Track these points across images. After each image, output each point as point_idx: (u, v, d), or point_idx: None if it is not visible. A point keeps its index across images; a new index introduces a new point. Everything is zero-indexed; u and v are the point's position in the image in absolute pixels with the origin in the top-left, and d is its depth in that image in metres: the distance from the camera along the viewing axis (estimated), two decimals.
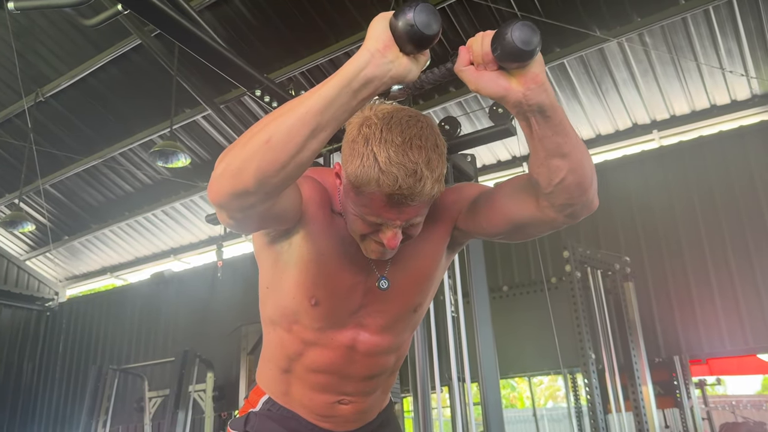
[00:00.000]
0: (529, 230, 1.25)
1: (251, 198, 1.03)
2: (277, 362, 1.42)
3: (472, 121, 7.17)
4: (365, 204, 1.14)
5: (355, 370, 1.37)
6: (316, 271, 1.27)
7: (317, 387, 1.39)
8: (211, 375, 7.76)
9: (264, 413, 1.45)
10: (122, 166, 9.01)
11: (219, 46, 2.28)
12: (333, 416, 1.43)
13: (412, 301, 1.37)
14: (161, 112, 7.96)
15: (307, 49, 6.88)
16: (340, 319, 1.32)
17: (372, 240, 1.20)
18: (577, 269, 4.46)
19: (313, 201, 1.26)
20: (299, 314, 1.32)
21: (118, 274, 11.35)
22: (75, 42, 7.34)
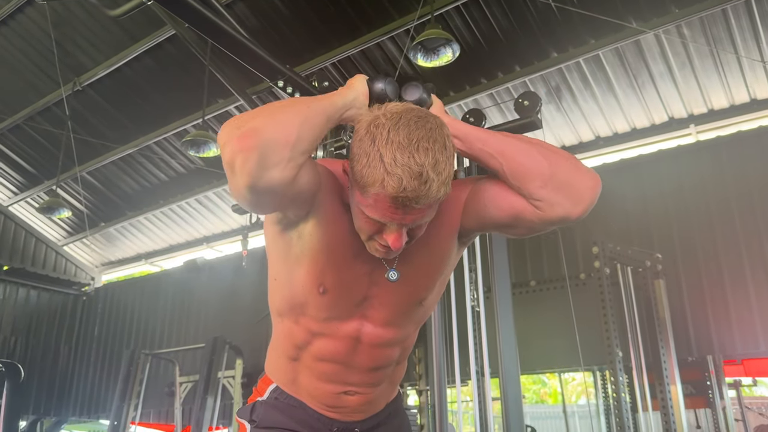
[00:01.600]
0: (523, 223, 1.27)
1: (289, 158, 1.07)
2: (285, 351, 1.43)
3: (503, 113, 7.10)
4: (370, 204, 1.14)
5: (360, 360, 1.38)
6: (325, 260, 1.28)
7: (323, 376, 1.40)
8: (240, 362, 7.87)
9: (270, 402, 1.46)
10: (157, 155, 9.17)
11: (242, 37, 2.29)
12: (339, 406, 1.43)
13: (419, 294, 1.37)
14: (195, 102, 8.06)
15: (338, 40, 6.89)
16: (345, 309, 1.33)
17: (376, 240, 1.20)
18: (607, 266, 4.38)
19: (326, 189, 1.27)
20: (307, 304, 1.33)
21: (153, 261, 11.59)
22: (111, 32, 7.48)
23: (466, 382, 4.17)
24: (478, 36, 6.46)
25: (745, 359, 6.73)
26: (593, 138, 7.41)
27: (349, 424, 1.45)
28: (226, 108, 8.02)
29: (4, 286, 10.85)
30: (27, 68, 8.30)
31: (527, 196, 1.22)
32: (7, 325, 10.77)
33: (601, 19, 5.59)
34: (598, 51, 6.30)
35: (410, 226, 1.17)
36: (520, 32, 6.33)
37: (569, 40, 6.34)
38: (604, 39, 6.17)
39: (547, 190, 1.20)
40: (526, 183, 1.21)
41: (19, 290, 11.05)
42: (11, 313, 10.86)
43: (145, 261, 11.58)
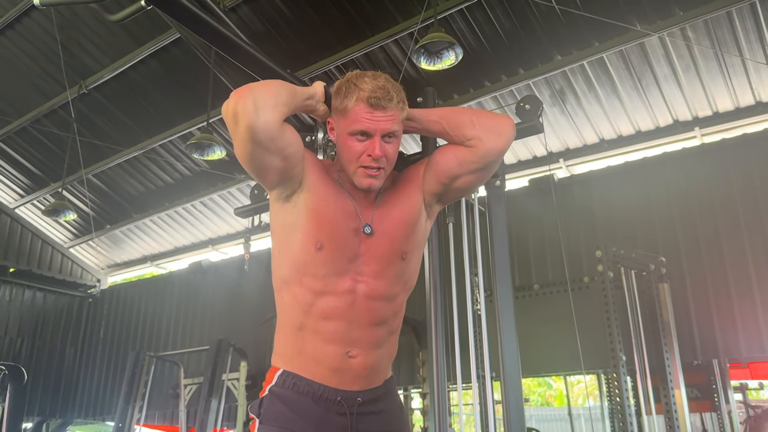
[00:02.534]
0: (466, 165, 1.66)
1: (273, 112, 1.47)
2: (291, 322, 1.60)
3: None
4: (353, 119, 1.54)
5: (359, 315, 1.57)
6: (319, 218, 1.56)
7: (328, 337, 1.55)
8: (245, 364, 7.89)
9: (276, 392, 1.58)
10: (162, 158, 9.21)
11: (243, 42, 2.30)
12: (343, 369, 1.56)
13: (399, 247, 1.63)
14: (200, 104, 8.08)
15: (342, 43, 6.90)
16: (341, 266, 1.57)
17: (362, 167, 1.55)
18: (610, 269, 4.37)
19: (311, 162, 1.62)
20: (307, 264, 1.56)
21: (158, 263, 11.63)
22: (117, 35, 7.52)
23: (468, 386, 4.17)
24: (482, 39, 6.46)
25: (750, 362, 6.70)
26: (597, 141, 7.40)
27: (351, 393, 1.57)
28: None
29: (10, 288, 10.91)
30: (33, 71, 8.35)
31: (463, 140, 1.63)
32: (14, 327, 10.82)
33: (605, 21, 5.58)
34: (602, 54, 6.29)
35: (384, 132, 1.53)
36: (523, 35, 6.33)
37: (573, 43, 6.33)
38: (609, 42, 6.16)
39: (476, 130, 1.60)
40: (461, 129, 1.63)
41: (26, 292, 11.11)
42: (17, 314, 10.91)
43: (150, 263, 11.61)
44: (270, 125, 1.44)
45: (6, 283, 10.83)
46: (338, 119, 1.59)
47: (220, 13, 2.26)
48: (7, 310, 10.79)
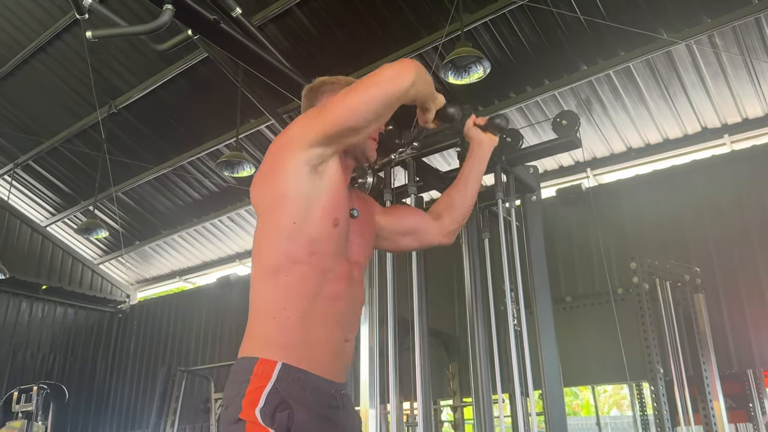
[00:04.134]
0: (417, 238, 1.95)
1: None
2: (297, 306, 1.49)
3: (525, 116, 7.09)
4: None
5: (355, 296, 1.63)
6: (339, 194, 1.58)
7: (335, 319, 1.54)
8: None
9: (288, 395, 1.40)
10: (190, 174, 9.35)
11: (278, 62, 2.36)
12: (341, 355, 1.57)
13: (372, 235, 1.80)
14: (227, 122, 8.21)
15: (367, 57, 6.96)
16: (342, 245, 1.60)
17: (372, 138, 1.78)
18: (645, 280, 4.34)
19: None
20: (320, 240, 1.53)
21: (187, 278, 11.76)
22: (146, 56, 7.68)
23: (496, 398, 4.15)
24: (507, 51, 6.49)
25: None
26: (625, 149, 7.36)
27: (339, 385, 1.56)
28: (258, 127, 8.16)
29: (42, 305, 11.11)
30: (64, 92, 8.55)
31: (445, 219, 1.97)
32: (46, 343, 11.01)
33: (631, 30, 5.57)
34: (629, 63, 6.27)
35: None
36: (548, 46, 6.34)
37: (599, 53, 6.33)
38: (635, 51, 6.15)
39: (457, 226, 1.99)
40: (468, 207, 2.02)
41: (57, 309, 11.30)
42: (49, 331, 11.10)
43: (179, 278, 11.75)
44: (403, 92, 1.57)
45: (38, 300, 11.04)
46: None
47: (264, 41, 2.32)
48: (39, 327, 10.99)
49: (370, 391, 2.43)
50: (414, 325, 2.62)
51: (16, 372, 10.39)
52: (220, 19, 2.13)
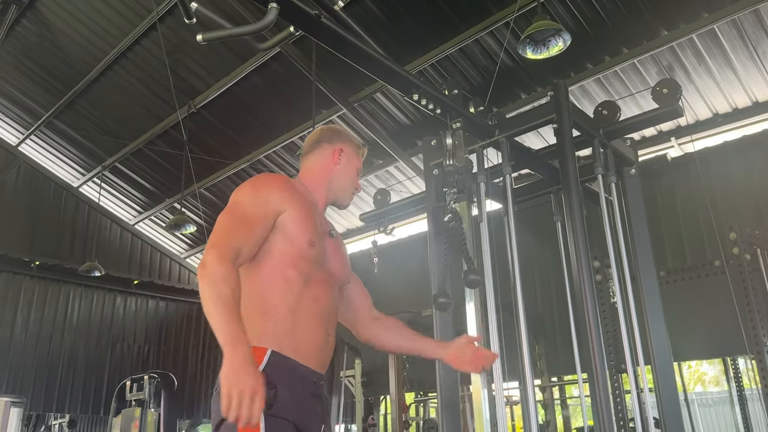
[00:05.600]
0: (349, 311, 2.15)
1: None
2: (285, 303, 1.73)
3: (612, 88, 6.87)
4: (359, 162, 2.10)
5: (334, 299, 1.88)
6: (305, 224, 1.81)
7: (318, 317, 1.77)
8: (359, 361, 8.10)
9: (273, 377, 1.55)
10: (267, 168, 9.60)
11: (380, 56, 2.40)
12: (323, 348, 1.78)
13: (345, 260, 2.01)
14: (300, 114, 8.38)
15: (436, 41, 6.93)
16: (321, 258, 1.83)
17: (354, 186, 2.08)
18: (746, 251, 4.16)
19: (288, 194, 1.83)
20: (301, 254, 1.78)
21: None
22: (221, 55, 7.91)
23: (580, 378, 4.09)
24: (582, 21, 6.31)
25: None
26: (711, 115, 7.04)
27: (319, 375, 1.76)
28: (331, 117, 8.27)
29: (135, 299, 11.73)
30: (145, 95, 8.93)
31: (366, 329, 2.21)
32: (140, 335, 11.64)
33: None
34: (713, 24, 5.97)
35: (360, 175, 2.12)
36: (626, 13, 6.12)
37: (680, 16, 6.06)
38: (719, 12, 5.85)
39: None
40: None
41: (149, 302, 11.92)
42: (143, 323, 11.73)
43: None
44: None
45: (131, 295, 11.66)
46: (350, 156, 2.07)
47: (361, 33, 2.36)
48: (133, 319, 11.62)
49: (482, 374, 2.45)
50: (518, 308, 2.63)
51: (115, 362, 11.04)
52: (320, 13, 2.18)
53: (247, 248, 1.68)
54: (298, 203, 1.83)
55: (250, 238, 1.70)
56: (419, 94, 2.61)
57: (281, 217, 1.77)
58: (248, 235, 1.70)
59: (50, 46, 8.75)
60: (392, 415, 6.98)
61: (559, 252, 3.37)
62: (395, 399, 6.59)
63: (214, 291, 1.52)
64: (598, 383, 2.32)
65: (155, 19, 7.44)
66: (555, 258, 3.35)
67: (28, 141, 10.67)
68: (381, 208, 3.82)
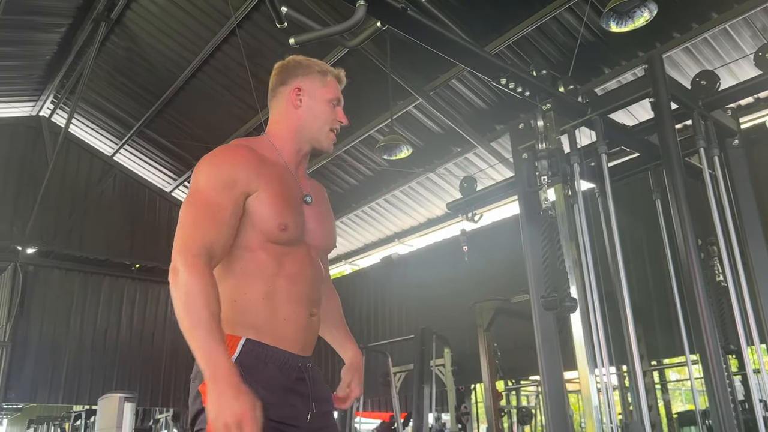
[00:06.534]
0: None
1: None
2: (257, 289, 1.57)
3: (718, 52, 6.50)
4: (331, 90, 1.80)
5: (315, 274, 1.68)
6: (280, 203, 1.61)
7: (297, 298, 1.61)
8: (448, 350, 8.12)
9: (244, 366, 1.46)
10: (346, 162, 9.75)
11: (467, 43, 2.39)
12: (307, 330, 1.63)
13: (328, 226, 1.81)
14: (376, 107, 8.45)
15: (511, 22, 6.79)
16: (298, 234, 1.64)
17: (332, 129, 1.80)
18: None
19: (255, 170, 1.60)
20: (271, 238, 1.59)
21: (351, 260, 12.34)
22: (298, 54, 8.06)
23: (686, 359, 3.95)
24: None
25: None
26: None
27: (305, 359, 1.62)
28: (406, 108, 8.29)
29: None
30: (228, 100, 9.25)
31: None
32: None
33: None
34: None
35: (342, 105, 1.83)
36: None
37: None
38: None
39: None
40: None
41: None
42: None
43: (344, 261, 12.36)
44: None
45: None
46: (313, 89, 1.77)
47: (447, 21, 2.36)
48: None
49: (588, 358, 2.41)
50: (622, 290, 2.56)
51: None
52: (407, 6, 2.20)
53: (220, 242, 1.50)
54: (267, 177, 1.61)
55: (222, 230, 1.51)
56: (507, 77, 2.58)
57: (249, 199, 1.57)
58: (219, 227, 1.50)
59: (138, 58, 9.23)
60: (485, 403, 6.95)
61: (659, 230, 3.25)
62: (488, 387, 6.56)
63: (192, 310, 1.38)
64: (713, 364, 2.23)
65: (233, 25, 7.69)
66: (651, 237, 3.25)
67: (122, 150, 11.32)
68: (468, 196, 3.80)
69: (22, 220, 10.35)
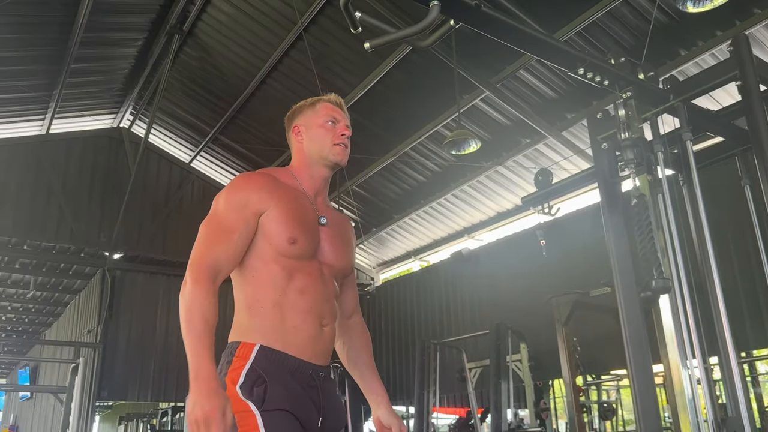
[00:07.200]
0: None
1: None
2: (269, 297, 1.71)
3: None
4: (322, 114, 1.94)
5: (326, 289, 1.79)
6: (290, 220, 1.76)
7: (306, 309, 1.72)
8: (524, 346, 8.03)
9: (264, 371, 1.61)
10: (413, 159, 9.78)
11: (543, 36, 2.37)
12: (317, 338, 1.73)
13: (343, 248, 1.90)
14: (441, 103, 8.44)
15: (580, 7, 6.63)
16: (310, 250, 1.78)
17: (336, 144, 1.90)
18: None
19: (268, 191, 1.77)
20: (283, 251, 1.74)
21: (421, 257, 12.37)
22: (363, 55, 8.16)
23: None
24: None
25: None
26: None
27: (317, 367, 1.72)
28: (472, 102, 8.23)
29: None
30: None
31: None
32: None
33: None
34: None
35: (346, 123, 1.96)
36: None
37: None
38: None
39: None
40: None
41: None
42: None
43: (414, 258, 12.40)
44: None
45: None
46: (308, 121, 1.95)
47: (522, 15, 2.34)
48: None
49: (679, 349, 2.35)
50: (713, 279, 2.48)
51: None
52: (480, 2, 2.20)
53: (228, 260, 1.68)
54: (278, 199, 1.77)
55: (230, 248, 1.68)
56: (585, 67, 2.54)
57: (262, 217, 1.74)
58: (227, 246, 1.68)
59: (210, 67, 9.57)
60: (566, 399, 6.83)
61: (746, 217, 3.13)
62: (569, 383, 6.44)
63: (189, 318, 1.55)
64: None
65: (300, 30, 7.85)
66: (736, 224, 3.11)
67: (199, 157, 11.78)
68: (543, 189, 3.75)
69: (109, 227, 10.92)
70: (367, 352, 2.05)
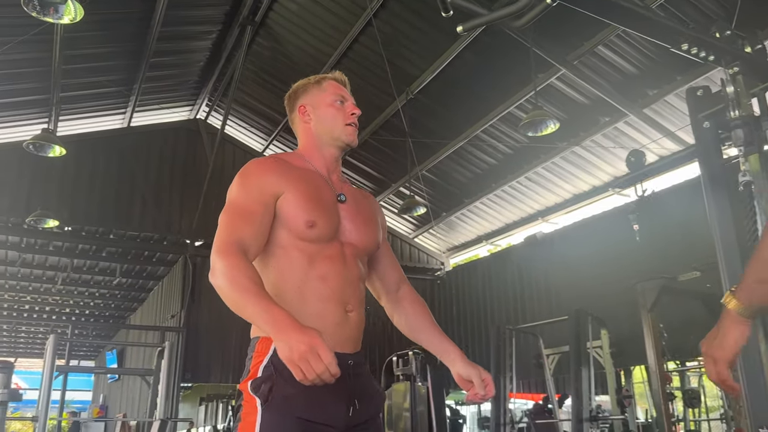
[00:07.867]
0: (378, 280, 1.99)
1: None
2: (290, 285, 1.67)
3: None
4: (329, 93, 1.88)
5: (350, 272, 1.73)
6: (307, 202, 1.71)
7: (328, 295, 1.67)
8: (605, 332, 7.81)
9: (279, 368, 1.50)
10: (484, 142, 9.62)
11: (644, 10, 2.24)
12: (342, 325, 1.67)
13: (367, 219, 1.86)
14: (514, 83, 8.24)
15: None
16: (330, 232, 1.72)
17: (345, 124, 1.85)
18: None
19: (281, 174, 1.74)
20: (301, 236, 1.69)
21: (492, 241, 12.22)
22: (433, 38, 8.07)
23: None
24: None
25: None
26: None
27: (344, 355, 1.61)
28: (548, 81, 7.99)
29: None
30: (367, 90, 9.45)
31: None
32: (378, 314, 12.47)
33: None
34: None
35: (353, 102, 1.91)
36: None
37: None
38: None
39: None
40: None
41: None
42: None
43: (485, 242, 12.26)
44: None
45: None
46: (315, 101, 1.88)
47: None
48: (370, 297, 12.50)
49: None
50: None
51: (367, 339, 11.99)
52: None
53: (252, 238, 1.61)
54: (294, 180, 1.73)
55: (254, 228, 1.63)
56: (689, 42, 2.39)
57: (278, 201, 1.69)
58: (251, 226, 1.62)
59: (281, 57, 9.70)
60: (652, 387, 6.60)
61: None
62: (655, 370, 6.21)
63: (235, 286, 1.49)
64: None
65: (369, 16, 7.82)
66: None
67: (272, 146, 12.01)
68: (636, 171, 3.59)
69: (189, 215, 11.32)
70: (425, 315, 1.99)
